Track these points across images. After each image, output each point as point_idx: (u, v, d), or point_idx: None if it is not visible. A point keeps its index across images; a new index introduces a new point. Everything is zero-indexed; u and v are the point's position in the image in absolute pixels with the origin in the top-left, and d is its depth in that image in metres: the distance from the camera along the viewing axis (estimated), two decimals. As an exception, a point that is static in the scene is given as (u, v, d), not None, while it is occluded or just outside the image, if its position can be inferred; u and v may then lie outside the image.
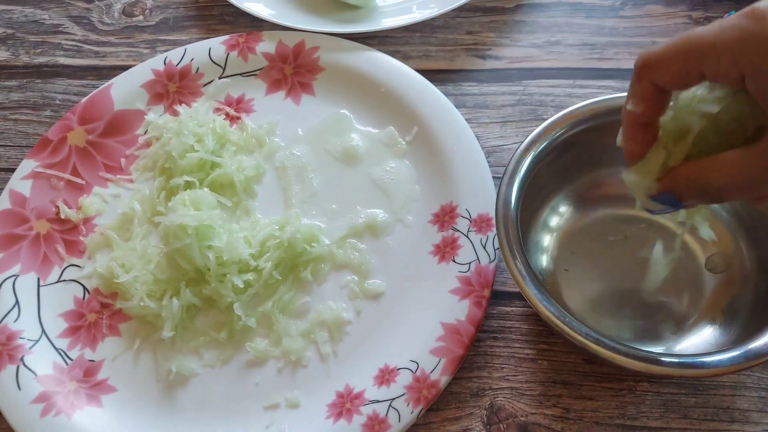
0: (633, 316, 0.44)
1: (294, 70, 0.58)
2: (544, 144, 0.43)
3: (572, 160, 0.45)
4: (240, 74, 0.59)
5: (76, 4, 0.68)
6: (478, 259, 0.47)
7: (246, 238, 0.48)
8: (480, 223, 0.48)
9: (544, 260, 0.46)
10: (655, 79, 0.28)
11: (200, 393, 0.45)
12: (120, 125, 0.56)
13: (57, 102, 0.61)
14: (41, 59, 0.64)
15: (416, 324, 0.45)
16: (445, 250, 0.48)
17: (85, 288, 0.50)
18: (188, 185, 0.51)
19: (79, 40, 0.65)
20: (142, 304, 0.46)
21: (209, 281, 0.46)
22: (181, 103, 0.57)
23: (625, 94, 0.39)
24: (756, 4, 0.26)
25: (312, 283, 0.48)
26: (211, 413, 0.44)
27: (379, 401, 0.43)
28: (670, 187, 0.30)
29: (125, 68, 0.59)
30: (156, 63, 0.59)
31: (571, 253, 0.46)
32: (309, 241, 0.48)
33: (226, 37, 0.60)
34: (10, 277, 0.49)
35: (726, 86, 0.29)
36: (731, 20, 0.26)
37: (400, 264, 0.49)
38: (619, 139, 0.32)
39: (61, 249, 0.51)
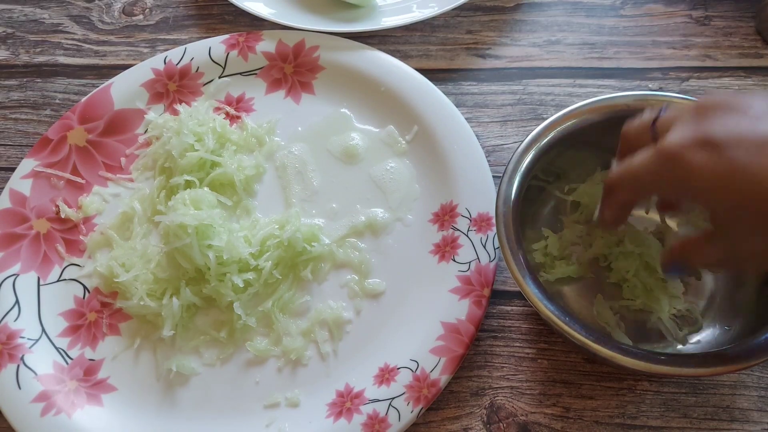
0: (632, 315, 0.44)
1: (294, 70, 0.58)
2: (545, 143, 0.42)
3: (572, 160, 0.45)
4: (240, 73, 0.59)
5: (76, 3, 0.68)
6: (478, 258, 0.47)
7: (246, 238, 0.48)
8: (480, 223, 0.48)
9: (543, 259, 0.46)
10: (617, 198, 0.35)
11: (200, 392, 0.45)
12: (120, 124, 0.56)
13: (57, 101, 0.61)
14: (41, 58, 0.64)
15: (416, 323, 0.45)
16: (445, 250, 0.48)
17: (85, 287, 0.50)
18: (188, 184, 0.51)
19: (79, 40, 0.65)
20: (142, 303, 0.46)
21: (209, 280, 0.46)
22: (181, 102, 0.57)
23: (626, 93, 0.42)
24: (660, 145, 0.31)
25: (312, 283, 0.48)
26: (211, 412, 0.44)
27: (379, 400, 0.43)
28: (668, 263, 0.36)
29: (125, 67, 0.59)
30: (156, 62, 0.59)
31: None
32: (309, 240, 0.48)
33: (226, 36, 0.60)
34: (10, 276, 0.49)
35: None
36: (649, 157, 0.31)
37: (400, 263, 0.49)
38: (596, 215, 0.41)
39: (61, 248, 0.51)
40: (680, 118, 0.31)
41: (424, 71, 0.56)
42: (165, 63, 0.58)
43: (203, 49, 0.59)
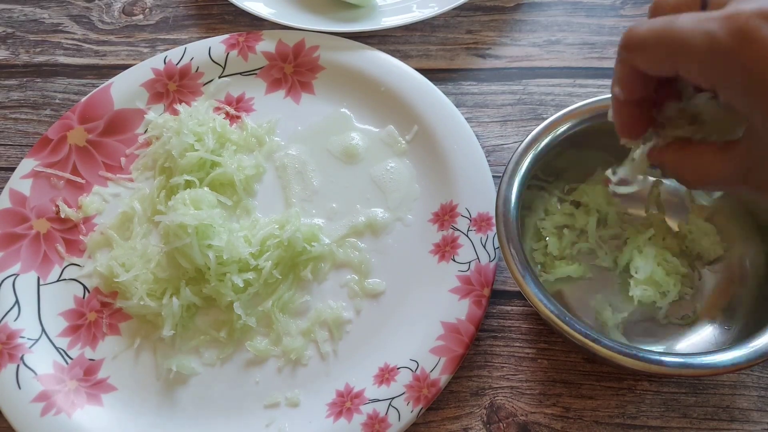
0: (632, 314, 0.44)
1: (294, 69, 0.58)
2: (545, 143, 0.42)
3: (572, 159, 0.45)
4: (240, 73, 0.59)
5: (76, 3, 0.68)
6: (478, 258, 0.47)
7: (246, 238, 0.48)
8: (480, 222, 0.48)
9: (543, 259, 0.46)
10: (635, 64, 0.28)
11: (200, 392, 0.45)
12: (120, 124, 0.56)
13: (57, 101, 0.61)
14: (41, 58, 0.64)
15: (416, 323, 0.45)
16: (445, 249, 0.48)
17: (85, 287, 0.50)
18: (188, 184, 0.51)
19: (79, 39, 0.65)
20: (142, 303, 0.46)
21: (209, 280, 0.46)
22: (181, 102, 0.57)
23: None
24: (735, 11, 0.24)
25: (312, 282, 0.48)
26: (211, 412, 0.44)
27: (379, 400, 0.43)
28: (655, 164, 0.31)
29: (125, 67, 0.59)
30: (156, 62, 0.59)
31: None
32: (309, 240, 0.48)
33: (226, 36, 0.60)
34: (10, 276, 0.49)
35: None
36: (709, 23, 0.24)
37: (400, 263, 0.49)
38: (610, 114, 0.32)
39: (61, 248, 0.51)
40: None
41: (424, 71, 0.56)
42: (165, 63, 0.58)
43: (203, 49, 0.59)
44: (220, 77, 0.58)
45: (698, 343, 0.41)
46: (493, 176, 0.50)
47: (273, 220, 0.50)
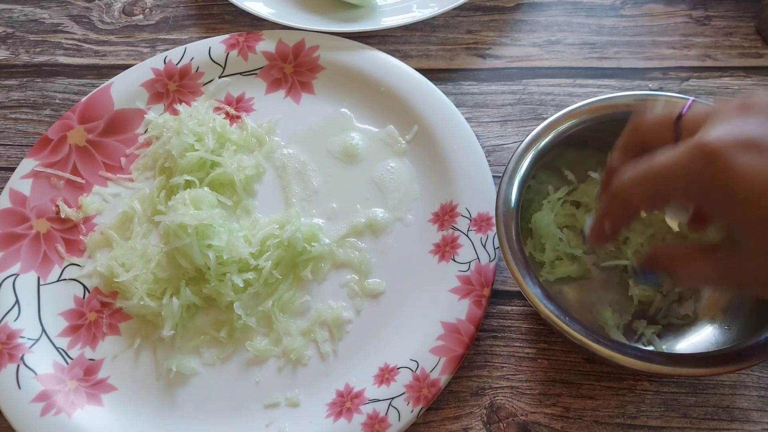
0: (632, 314, 0.44)
1: (294, 69, 0.58)
2: (544, 143, 0.42)
3: (572, 159, 0.45)
4: (240, 73, 0.59)
5: (76, 3, 0.68)
6: (478, 258, 0.47)
7: (246, 237, 0.48)
8: (480, 222, 0.48)
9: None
10: (627, 206, 0.31)
11: (200, 392, 0.45)
12: (120, 124, 0.56)
13: (57, 101, 0.61)
14: (41, 58, 0.64)
15: (416, 323, 0.45)
16: (445, 249, 0.48)
17: (85, 287, 0.50)
18: (188, 184, 0.51)
19: (79, 39, 0.65)
20: (142, 303, 0.46)
21: (209, 280, 0.46)
22: (181, 102, 0.57)
23: (626, 93, 0.41)
24: (700, 140, 0.27)
25: (312, 282, 0.48)
26: (211, 412, 0.44)
27: (379, 400, 0.43)
28: (645, 267, 0.34)
29: (125, 67, 0.59)
30: (156, 62, 0.59)
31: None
32: (309, 240, 0.48)
33: (226, 36, 0.60)
34: (10, 276, 0.49)
35: None
36: (680, 155, 0.28)
37: (400, 263, 0.49)
38: (587, 228, 0.37)
39: (61, 248, 0.51)
40: (718, 116, 0.28)
41: (424, 71, 0.56)
42: (165, 63, 0.58)
43: (203, 49, 0.59)
44: (220, 77, 0.58)
45: (698, 343, 0.41)
46: (493, 176, 0.50)
47: (273, 220, 0.50)
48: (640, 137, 0.32)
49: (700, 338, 0.42)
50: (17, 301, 0.48)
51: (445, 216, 0.50)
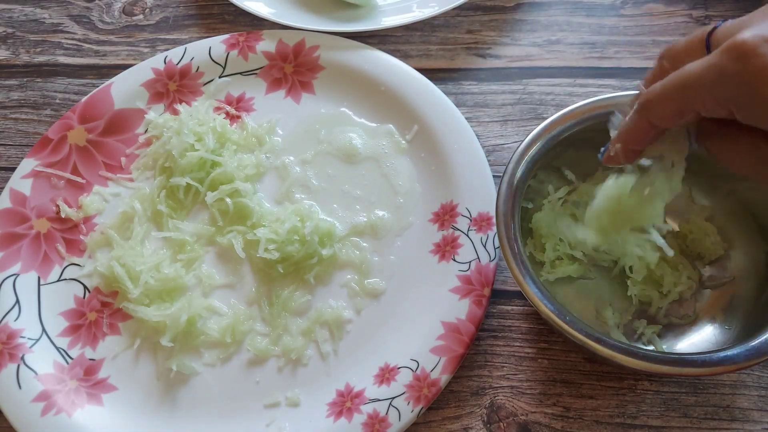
0: (633, 314, 0.44)
1: (294, 69, 0.58)
2: (545, 143, 0.42)
3: (572, 159, 0.45)
4: (240, 73, 0.59)
5: (77, 3, 0.68)
6: (478, 257, 0.47)
7: (273, 229, 0.48)
8: (480, 222, 0.48)
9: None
10: (654, 119, 0.31)
11: (201, 392, 0.45)
12: (120, 124, 0.56)
13: (57, 101, 0.61)
14: (41, 58, 0.64)
15: (416, 323, 0.45)
16: (446, 249, 0.48)
17: (85, 287, 0.50)
18: (188, 188, 0.52)
19: (79, 39, 0.65)
20: (147, 316, 0.46)
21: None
22: (181, 102, 0.57)
23: (626, 93, 0.41)
24: (733, 40, 0.26)
25: (313, 282, 0.48)
26: (211, 412, 0.44)
27: (379, 400, 0.43)
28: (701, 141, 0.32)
29: (125, 67, 0.59)
30: (156, 62, 0.59)
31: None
32: (324, 238, 0.48)
33: (227, 36, 0.60)
34: (11, 276, 0.49)
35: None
36: (713, 58, 0.27)
37: (400, 263, 0.49)
38: (606, 147, 0.35)
39: (61, 248, 0.51)
40: (749, 21, 0.27)
41: (424, 71, 0.56)
42: (165, 63, 0.58)
43: (203, 49, 0.59)
44: (220, 77, 0.58)
45: (698, 343, 0.41)
46: (494, 176, 0.50)
47: (292, 211, 0.50)
48: (672, 59, 0.31)
49: (700, 338, 0.42)
50: (17, 301, 0.48)
51: (445, 216, 0.50)
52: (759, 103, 0.26)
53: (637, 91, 0.34)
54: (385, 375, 0.44)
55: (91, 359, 0.47)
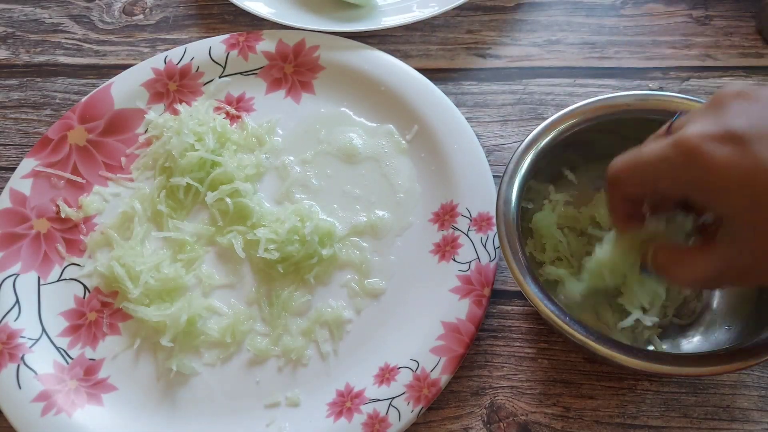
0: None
1: (294, 69, 0.58)
2: (545, 143, 0.42)
3: (573, 159, 0.45)
4: (240, 73, 0.59)
5: (77, 3, 0.68)
6: (478, 257, 0.47)
7: (273, 229, 0.48)
8: (480, 222, 0.48)
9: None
10: (621, 192, 0.33)
11: (201, 392, 0.45)
12: (120, 124, 0.56)
13: (57, 101, 0.61)
14: (41, 58, 0.64)
15: (416, 323, 0.45)
16: (446, 249, 0.48)
17: (85, 287, 0.50)
18: (188, 188, 0.52)
19: (79, 39, 0.65)
20: (147, 315, 0.46)
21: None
22: (181, 102, 0.57)
23: (627, 93, 0.42)
24: (680, 135, 0.29)
25: (313, 282, 0.48)
26: (211, 412, 0.44)
27: (379, 400, 0.43)
28: (648, 268, 0.35)
29: (125, 67, 0.59)
30: (156, 62, 0.59)
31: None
32: (324, 238, 0.48)
33: (227, 36, 0.60)
34: (11, 276, 0.49)
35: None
36: (665, 146, 0.29)
37: (400, 263, 0.49)
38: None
39: (61, 248, 0.51)
40: (694, 114, 0.30)
41: (424, 71, 0.56)
42: (165, 63, 0.58)
43: (203, 49, 0.59)
44: (220, 77, 0.58)
45: (698, 343, 0.41)
46: (494, 176, 0.50)
47: (292, 211, 0.50)
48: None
49: (701, 338, 0.42)
50: (17, 301, 0.48)
51: (445, 216, 0.50)
52: (713, 196, 0.28)
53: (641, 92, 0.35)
54: (385, 375, 0.44)
55: (91, 359, 0.47)
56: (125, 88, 0.57)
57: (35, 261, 0.50)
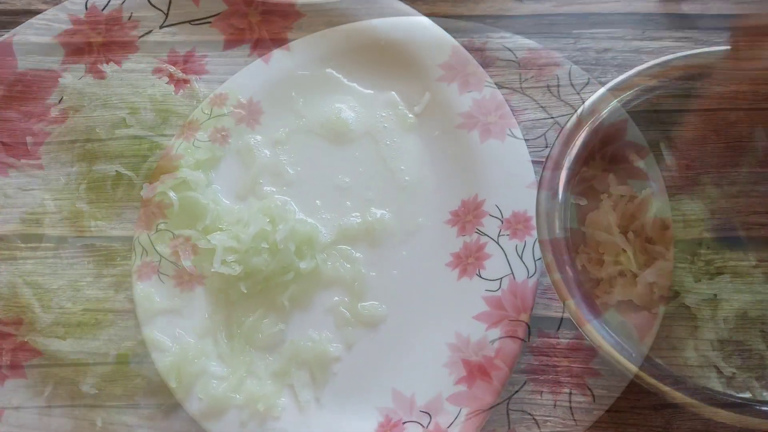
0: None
1: (262, 17, 0.58)
2: (603, 116, 0.42)
3: (641, 140, 0.45)
4: (189, 22, 0.59)
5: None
6: (512, 273, 0.47)
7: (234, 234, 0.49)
8: (515, 225, 0.48)
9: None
10: None
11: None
12: (25, 91, 0.56)
13: (-61, 59, 0.61)
14: None
15: (428, 362, 0.45)
16: (468, 262, 0.48)
17: (-23, 313, 0.50)
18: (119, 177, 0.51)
19: (-31, -24, 0.65)
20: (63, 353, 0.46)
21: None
22: (108, 61, 0.57)
23: (713, 48, 0.41)
24: None
25: (288, 305, 0.48)
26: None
27: (378, 467, 0.43)
28: None
29: (33, 14, 0.59)
30: (74, 6, 0.58)
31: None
32: (303, 245, 0.49)
33: (170, -29, 0.60)
34: None
35: None
36: None
37: (406, 280, 0.49)
38: None
39: (-56, 260, 0.51)
40: None
41: (438, 18, 0.56)
42: (87, 8, 0.58)
43: (139, -11, 0.59)
44: (161, 27, 0.58)
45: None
46: (533, 161, 0.50)
47: (259, 209, 0.50)
48: None
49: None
50: None
51: (467, 216, 0.50)
52: None
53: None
54: (386, 433, 0.44)
55: (-15, 411, 0.47)
56: (32, 43, 0.57)
57: None
